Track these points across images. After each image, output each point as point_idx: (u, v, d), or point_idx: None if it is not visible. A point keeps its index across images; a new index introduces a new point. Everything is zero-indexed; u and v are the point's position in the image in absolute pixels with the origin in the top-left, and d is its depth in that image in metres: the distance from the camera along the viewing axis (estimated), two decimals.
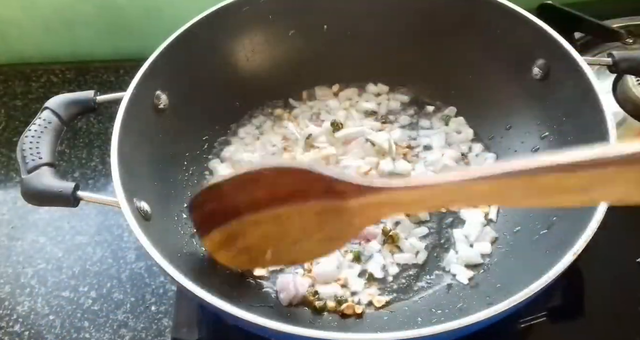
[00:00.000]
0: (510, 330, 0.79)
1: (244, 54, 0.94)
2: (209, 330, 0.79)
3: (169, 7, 1.10)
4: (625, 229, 0.86)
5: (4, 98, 1.12)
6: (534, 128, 0.86)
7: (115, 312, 0.85)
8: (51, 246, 0.92)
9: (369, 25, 0.95)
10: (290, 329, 0.58)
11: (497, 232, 0.83)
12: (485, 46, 0.89)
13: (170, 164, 0.85)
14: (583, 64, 0.76)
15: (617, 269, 0.83)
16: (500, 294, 0.62)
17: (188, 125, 0.88)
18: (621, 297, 0.81)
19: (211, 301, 0.61)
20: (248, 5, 0.90)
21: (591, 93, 0.74)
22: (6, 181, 1.01)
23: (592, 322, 0.79)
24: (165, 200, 0.80)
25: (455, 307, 0.74)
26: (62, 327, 0.84)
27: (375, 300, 0.78)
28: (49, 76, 1.14)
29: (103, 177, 1.00)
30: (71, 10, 1.10)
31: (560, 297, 0.82)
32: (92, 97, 0.78)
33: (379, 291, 0.79)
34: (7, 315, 0.86)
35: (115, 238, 0.93)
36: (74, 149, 1.04)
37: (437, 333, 0.58)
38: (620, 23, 1.05)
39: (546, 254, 0.68)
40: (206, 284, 0.73)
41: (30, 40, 1.15)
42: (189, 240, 0.80)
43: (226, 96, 0.94)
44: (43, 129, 0.73)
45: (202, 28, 0.86)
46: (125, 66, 1.14)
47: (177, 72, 0.84)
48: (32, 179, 0.69)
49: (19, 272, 0.90)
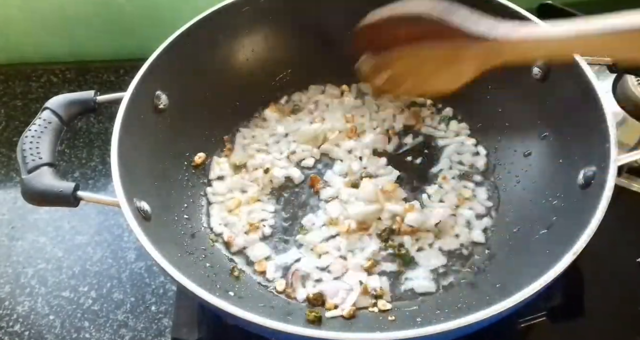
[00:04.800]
0: (510, 330, 0.79)
1: (244, 54, 0.94)
2: (209, 330, 0.80)
3: (169, 7, 1.10)
4: (625, 229, 0.86)
5: (4, 98, 1.12)
6: (534, 128, 0.86)
7: (115, 312, 0.85)
8: (51, 246, 0.92)
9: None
10: (290, 329, 0.58)
11: (497, 232, 0.83)
12: None
13: (170, 164, 0.85)
14: (583, 64, 0.76)
15: (617, 269, 0.83)
16: (500, 294, 0.62)
17: (188, 125, 0.88)
18: (621, 297, 0.81)
19: (211, 301, 0.61)
20: (248, 5, 0.90)
21: (591, 93, 0.74)
22: (6, 181, 1.01)
23: (592, 322, 0.79)
24: (165, 200, 0.80)
25: (455, 307, 0.74)
26: (62, 327, 0.84)
27: (381, 304, 0.78)
28: (49, 76, 1.14)
29: (103, 177, 1.00)
30: (71, 10, 1.10)
31: (560, 297, 0.82)
32: (92, 97, 0.78)
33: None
34: (7, 315, 0.86)
35: (115, 238, 0.93)
36: (74, 149, 1.04)
37: (437, 333, 0.58)
38: None
39: (546, 254, 0.68)
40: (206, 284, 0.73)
41: (30, 40, 1.15)
42: (189, 240, 0.80)
43: (226, 96, 0.94)
44: (43, 129, 0.73)
45: (202, 28, 0.86)
46: (125, 66, 1.14)
47: (177, 72, 0.85)
48: (32, 179, 0.69)
49: (19, 272, 0.90)
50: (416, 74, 0.81)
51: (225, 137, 0.95)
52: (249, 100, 0.97)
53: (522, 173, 0.86)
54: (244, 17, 0.91)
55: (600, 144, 0.70)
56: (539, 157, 0.84)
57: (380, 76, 0.84)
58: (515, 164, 0.88)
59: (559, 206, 0.76)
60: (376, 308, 0.77)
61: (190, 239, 0.81)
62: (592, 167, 0.71)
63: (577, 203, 0.72)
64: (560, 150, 0.81)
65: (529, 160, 0.86)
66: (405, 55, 0.79)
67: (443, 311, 0.74)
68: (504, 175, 0.88)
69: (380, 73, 0.84)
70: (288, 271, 0.81)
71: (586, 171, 0.72)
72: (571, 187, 0.74)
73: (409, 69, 0.80)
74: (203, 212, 0.87)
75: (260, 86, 0.97)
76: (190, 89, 0.87)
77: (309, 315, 0.75)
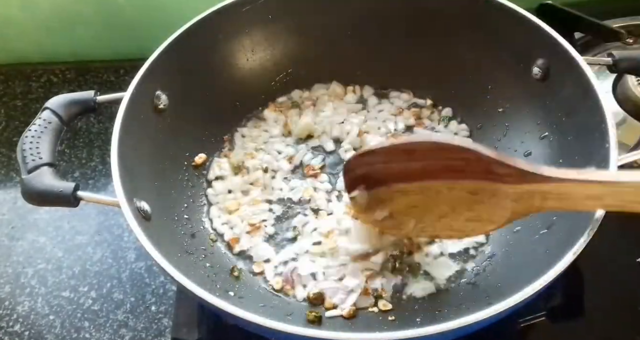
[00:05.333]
0: (510, 330, 0.79)
1: (244, 54, 0.94)
2: (209, 330, 0.79)
3: (169, 7, 1.10)
4: (625, 229, 0.86)
5: (4, 98, 1.12)
6: (534, 128, 0.85)
7: (115, 312, 0.85)
8: (51, 246, 0.92)
9: (369, 25, 0.95)
10: (290, 329, 0.58)
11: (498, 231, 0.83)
12: (485, 46, 0.89)
13: (170, 164, 0.85)
14: (583, 64, 0.76)
15: (617, 269, 0.83)
16: (500, 294, 0.62)
17: (188, 125, 0.88)
18: (621, 297, 0.81)
19: (211, 301, 0.61)
20: (248, 5, 0.90)
21: (591, 93, 0.74)
22: (6, 181, 1.01)
23: (592, 322, 0.79)
24: (165, 200, 0.80)
25: (455, 307, 0.74)
26: (62, 327, 0.84)
27: (382, 304, 0.78)
28: (49, 76, 1.14)
29: (103, 177, 1.00)
30: (71, 10, 1.10)
31: (560, 297, 0.82)
32: (92, 97, 0.78)
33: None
34: (7, 315, 0.86)
35: (115, 238, 0.93)
36: (74, 149, 1.04)
37: (437, 333, 0.58)
38: (620, 23, 1.05)
39: (546, 254, 0.68)
40: (206, 284, 0.73)
41: (30, 40, 1.15)
42: (189, 240, 0.80)
43: (226, 96, 0.94)
44: (43, 129, 0.73)
45: (202, 28, 0.86)
46: (125, 66, 1.14)
47: (177, 72, 0.85)
48: (32, 179, 0.69)
49: (19, 272, 0.90)
50: (424, 216, 0.68)
51: (225, 137, 0.95)
52: (248, 100, 0.97)
53: None
54: (244, 17, 0.90)
55: (600, 144, 0.70)
56: (539, 157, 0.84)
57: (377, 213, 0.71)
58: None
59: None
60: (376, 308, 0.77)
61: (190, 239, 0.81)
62: (592, 168, 0.71)
63: None
64: (560, 150, 0.81)
65: (528, 160, 0.86)
66: (411, 192, 0.66)
67: (443, 311, 0.74)
68: None
69: (378, 210, 0.71)
70: (288, 271, 0.81)
71: None
72: None
73: (415, 209, 0.67)
74: (203, 212, 0.87)
75: (260, 86, 0.97)
76: (190, 89, 0.87)
77: (309, 315, 0.75)
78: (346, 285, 0.79)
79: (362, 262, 0.80)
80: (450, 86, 0.95)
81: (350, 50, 0.96)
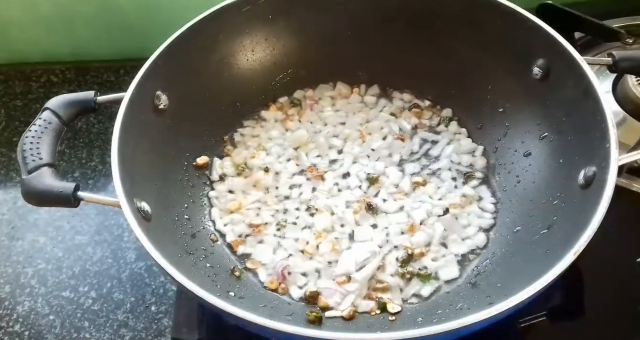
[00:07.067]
0: (510, 330, 0.79)
1: (244, 54, 0.94)
2: (209, 330, 0.80)
3: (169, 7, 1.10)
4: (625, 229, 0.86)
5: (4, 98, 1.12)
6: (534, 128, 0.86)
7: (115, 312, 0.85)
8: (51, 246, 0.92)
9: (369, 25, 0.95)
10: (290, 329, 0.58)
11: (498, 232, 0.83)
12: (485, 46, 0.89)
13: (170, 164, 0.85)
14: (583, 63, 0.76)
15: (617, 269, 0.83)
16: (500, 294, 0.62)
17: (188, 125, 0.88)
18: (621, 297, 0.81)
19: (211, 301, 0.61)
20: (248, 5, 0.90)
21: (591, 93, 0.74)
22: (6, 181, 1.01)
23: (592, 322, 0.79)
24: (165, 200, 0.80)
25: (455, 307, 0.74)
26: (62, 327, 0.84)
27: (390, 307, 0.77)
28: (49, 76, 1.14)
29: (103, 177, 1.00)
30: (71, 10, 1.10)
31: (560, 297, 0.82)
32: (92, 97, 0.78)
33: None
34: (7, 315, 0.86)
35: (115, 238, 0.93)
36: (74, 149, 1.04)
37: (437, 333, 0.58)
38: (620, 23, 1.05)
39: (546, 254, 0.68)
40: (206, 284, 0.73)
41: (30, 40, 1.15)
42: (190, 241, 0.80)
43: (226, 96, 0.94)
44: (43, 129, 0.73)
45: (202, 28, 0.86)
46: (126, 66, 1.14)
47: (177, 72, 0.84)
48: (32, 180, 0.69)
49: (19, 272, 0.90)
50: None
51: (225, 137, 0.95)
52: (249, 100, 0.97)
53: (522, 173, 0.86)
54: (244, 17, 0.90)
55: (600, 144, 0.70)
56: (539, 157, 0.84)
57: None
58: (515, 164, 0.88)
59: (559, 206, 0.76)
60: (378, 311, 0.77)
61: (191, 239, 0.81)
62: (593, 167, 0.71)
63: (577, 203, 0.72)
64: (560, 150, 0.81)
65: (529, 160, 0.86)
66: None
67: (443, 311, 0.74)
68: (504, 175, 0.88)
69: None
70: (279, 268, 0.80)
71: (586, 171, 0.72)
72: (571, 187, 0.74)
73: None
74: (204, 212, 0.87)
75: (260, 86, 0.97)
76: (190, 89, 0.87)
77: (310, 316, 0.75)
78: (345, 288, 0.79)
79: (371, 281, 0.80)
80: (451, 86, 0.95)
81: (351, 51, 0.96)
